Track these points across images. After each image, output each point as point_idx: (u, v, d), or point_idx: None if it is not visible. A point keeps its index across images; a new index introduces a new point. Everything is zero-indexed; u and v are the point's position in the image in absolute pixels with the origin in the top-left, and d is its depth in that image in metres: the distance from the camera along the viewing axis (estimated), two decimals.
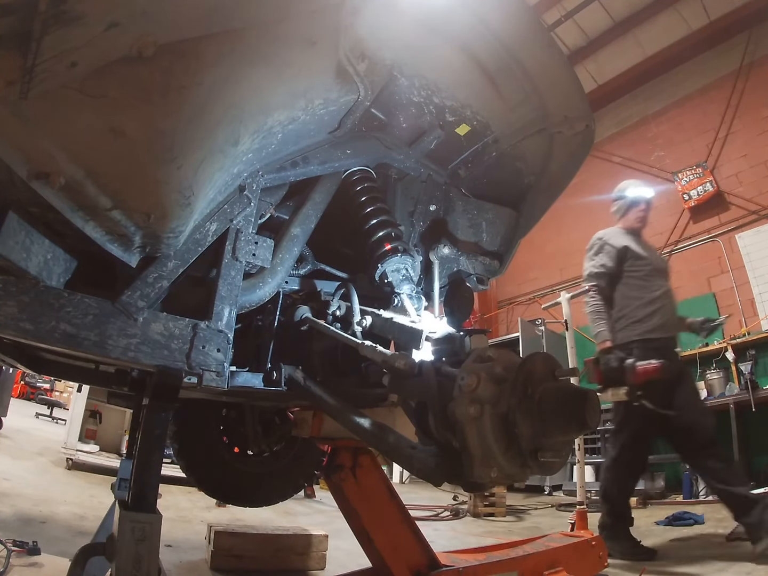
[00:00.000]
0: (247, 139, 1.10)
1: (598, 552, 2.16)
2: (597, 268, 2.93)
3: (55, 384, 10.96)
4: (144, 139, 0.87)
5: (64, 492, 3.53)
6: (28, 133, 0.77)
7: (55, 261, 1.05)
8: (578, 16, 6.89)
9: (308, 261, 1.62)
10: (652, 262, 2.94)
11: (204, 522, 3.08)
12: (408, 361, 1.06)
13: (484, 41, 1.35)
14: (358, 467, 1.59)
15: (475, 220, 1.87)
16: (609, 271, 2.89)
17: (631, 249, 2.90)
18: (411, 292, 1.54)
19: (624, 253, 2.90)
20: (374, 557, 1.56)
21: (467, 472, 0.91)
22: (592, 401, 0.87)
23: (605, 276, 2.90)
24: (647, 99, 7.42)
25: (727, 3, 6.35)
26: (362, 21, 1.16)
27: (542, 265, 8.25)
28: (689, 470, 4.63)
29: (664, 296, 2.85)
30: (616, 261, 2.89)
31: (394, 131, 1.64)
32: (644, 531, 3.39)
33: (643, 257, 2.91)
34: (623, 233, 3.03)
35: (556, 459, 0.92)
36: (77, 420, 4.87)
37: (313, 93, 1.23)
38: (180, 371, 1.10)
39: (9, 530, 2.22)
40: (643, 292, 2.83)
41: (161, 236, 1.07)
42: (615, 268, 2.89)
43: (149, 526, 0.97)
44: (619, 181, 3.48)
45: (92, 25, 0.69)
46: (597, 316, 2.85)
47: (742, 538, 2.57)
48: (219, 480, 2.23)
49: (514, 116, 1.59)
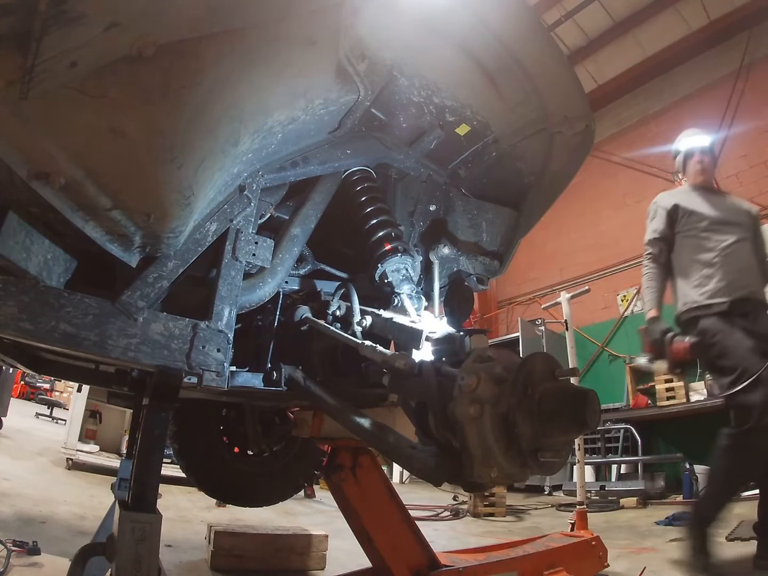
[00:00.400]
0: (247, 139, 1.10)
1: (598, 552, 2.16)
2: (650, 234, 2.63)
3: (55, 384, 10.95)
4: (144, 139, 0.87)
5: (64, 492, 3.52)
6: (28, 133, 0.77)
7: (55, 261, 1.05)
8: (578, 16, 6.89)
9: (308, 261, 1.62)
10: (712, 216, 2.50)
11: (204, 522, 3.08)
12: (408, 361, 1.06)
13: (484, 41, 1.35)
14: (358, 467, 1.59)
15: (475, 220, 1.87)
16: (662, 236, 2.58)
17: (682, 206, 2.56)
18: (411, 292, 1.54)
19: (674, 212, 2.57)
20: (374, 557, 1.56)
21: (467, 472, 0.91)
22: (592, 401, 0.87)
23: (659, 242, 2.58)
24: (647, 99, 7.42)
25: (727, 3, 6.35)
26: (362, 21, 1.16)
27: (542, 265, 8.25)
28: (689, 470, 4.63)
29: (726, 252, 2.40)
30: (667, 223, 2.58)
31: (394, 131, 1.64)
32: (644, 531, 3.39)
33: (698, 213, 2.52)
34: (684, 191, 2.70)
35: (556, 459, 0.92)
36: (77, 420, 4.87)
37: (313, 93, 1.23)
38: (180, 371, 1.10)
39: (9, 530, 2.22)
40: (698, 252, 2.46)
41: (161, 236, 1.07)
42: (667, 231, 2.58)
43: (149, 526, 0.97)
44: (618, 181, 3.42)
45: (92, 25, 0.69)
46: (647, 284, 2.57)
47: (742, 538, 2.57)
48: (219, 480, 2.23)
49: (514, 116, 1.59)
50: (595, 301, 7.15)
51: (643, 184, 7.24)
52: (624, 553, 2.73)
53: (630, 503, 4.52)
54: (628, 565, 2.47)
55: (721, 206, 2.59)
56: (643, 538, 2.81)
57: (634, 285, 7.05)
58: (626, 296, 7.13)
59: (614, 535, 3.23)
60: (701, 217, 2.51)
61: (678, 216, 2.56)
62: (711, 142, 2.75)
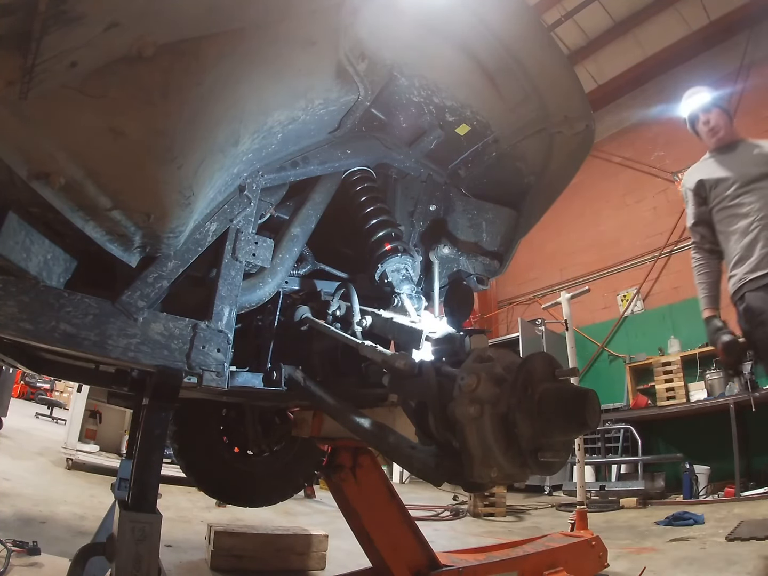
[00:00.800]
0: (247, 139, 1.10)
1: (598, 552, 2.17)
2: (688, 221, 2.37)
3: (55, 384, 10.95)
4: (144, 139, 0.87)
5: (64, 492, 3.52)
6: (28, 133, 0.77)
7: (55, 261, 1.05)
8: (578, 16, 6.89)
9: (308, 261, 1.62)
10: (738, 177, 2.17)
11: (204, 522, 3.08)
12: (408, 361, 1.06)
13: (484, 41, 1.35)
14: (358, 467, 1.59)
15: (475, 220, 1.87)
16: (697, 219, 2.31)
17: (706, 179, 2.27)
18: (411, 292, 1.54)
19: (700, 188, 2.28)
20: (374, 557, 1.56)
21: (467, 472, 0.91)
22: (592, 401, 0.87)
23: (696, 227, 2.32)
24: (647, 99, 7.43)
25: (727, 3, 6.35)
26: (362, 21, 1.16)
27: (542, 265, 8.25)
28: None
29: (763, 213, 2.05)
30: (697, 203, 2.30)
31: (394, 131, 1.64)
32: (644, 531, 3.39)
33: (723, 179, 2.21)
34: (706, 160, 2.38)
35: (556, 459, 0.92)
36: (77, 420, 4.87)
37: (313, 93, 1.23)
38: (180, 371, 1.10)
39: (9, 530, 2.22)
40: (733, 222, 2.13)
41: (161, 236, 1.07)
42: (701, 211, 2.29)
43: (149, 526, 0.97)
44: (618, 181, 3.38)
45: (92, 25, 0.69)
46: (697, 279, 2.28)
47: (742, 538, 2.57)
48: (219, 480, 2.23)
49: (514, 116, 1.59)
50: (595, 301, 7.15)
51: (643, 184, 7.25)
52: (624, 553, 2.73)
53: (630, 503, 4.52)
54: (628, 565, 2.47)
55: (746, 161, 2.22)
56: (643, 538, 2.81)
57: (634, 285, 7.06)
58: (626, 296, 7.13)
59: (614, 535, 3.23)
60: (727, 184, 2.18)
61: (706, 191, 2.27)
62: (713, 96, 2.39)
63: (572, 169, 1.75)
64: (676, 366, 5.65)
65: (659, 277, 6.85)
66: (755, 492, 4.18)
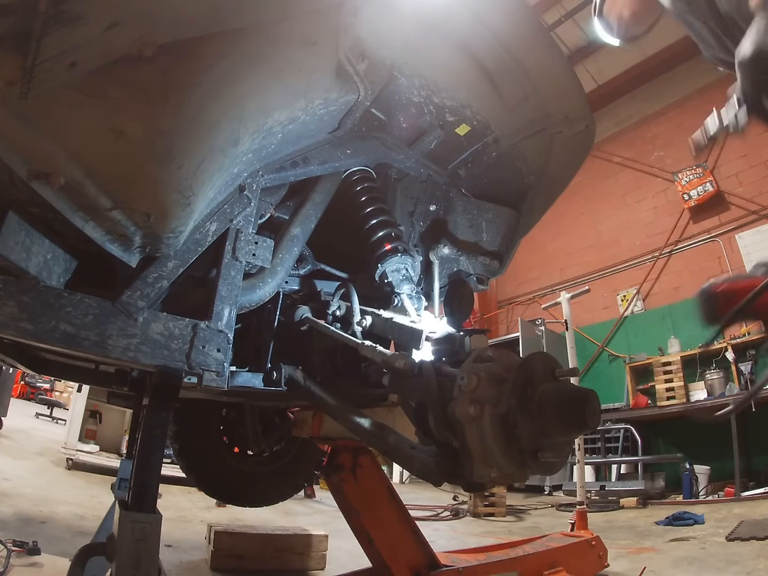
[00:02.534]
0: (247, 139, 1.10)
1: (598, 552, 2.17)
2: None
3: (55, 384, 10.95)
4: (144, 139, 0.87)
5: (64, 492, 3.52)
6: (28, 133, 0.77)
7: (55, 261, 1.05)
8: (578, 16, 6.88)
9: (308, 261, 1.62)
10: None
11: (204, 522, 3.08)
12: (408, 361, 1.06)
13: (484, 41, 1.35)
14: (358, 467, 1.59)
15: (475, 220, 1.86)
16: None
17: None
18: (411, 292, 1.54)
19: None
20: (374, 557, 1.56)
21: (467, 472, 0.91)
22: (592, 401, 0.87)
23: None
24: (647, 99, 7.43)
25: None
26: (362, 21, 1.16)
27: (542, 265, 8.25)
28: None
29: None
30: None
31: (394, 131, 1.64)
32: (644, 531, 3.39)
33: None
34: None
35: (556, 459, 0.92)
36: (77, 420, 4.87)
37: (313, 93, 1.23)
38: (180, 371, 1.10)
39: (9, 530, 2.23)
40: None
41: (161, 236, 1.06)
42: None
43: (149, 526, 0.97)
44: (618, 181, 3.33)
45: (92, 25, 0.69)
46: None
47: (742, 538, 2.57)
48: (219, 480, 2.23)
49: (514, 116, 1.59)
50: (595, 301, 7.15)
51: (643, 184, 7.25)
52: (624, 553, 2.73)
53: (630, 503, 4.52)
54: (628, 565, 2.47)
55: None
56: (643, 538, 2.82)
57: (634, 285, 7.06)
58: (626, 296, 7.13)
59: (614, 535, 3.23)
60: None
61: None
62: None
63: (572, 169, 1.76)
64: (676, 366, 5.65)
65: (659, 277, 6.85)
66: (755, 492, 4.19)
